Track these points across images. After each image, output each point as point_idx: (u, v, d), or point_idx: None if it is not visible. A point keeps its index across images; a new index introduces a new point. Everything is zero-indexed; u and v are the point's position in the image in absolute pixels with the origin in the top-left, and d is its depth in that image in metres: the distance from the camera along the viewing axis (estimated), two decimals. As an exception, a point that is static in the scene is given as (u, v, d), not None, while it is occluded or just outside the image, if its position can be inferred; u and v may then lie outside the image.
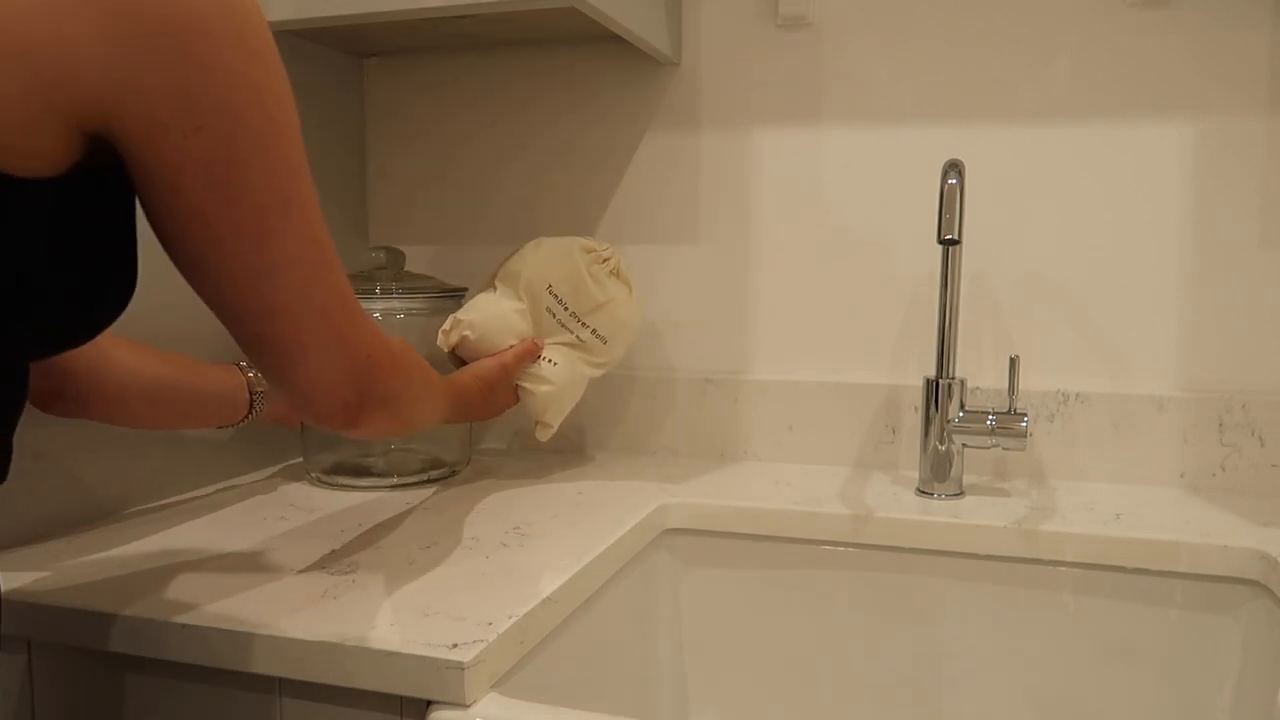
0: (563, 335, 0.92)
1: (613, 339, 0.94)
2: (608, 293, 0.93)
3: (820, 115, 1.04)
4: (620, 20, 0.91)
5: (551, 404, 0.92)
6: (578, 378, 0.93)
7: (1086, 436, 0.97)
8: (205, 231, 0.47)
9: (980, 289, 1.01)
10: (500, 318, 0.91)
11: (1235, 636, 0.78)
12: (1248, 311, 0.94)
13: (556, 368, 0.92)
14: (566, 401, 0.93)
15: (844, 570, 0.87)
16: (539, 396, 0.92)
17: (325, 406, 0.56)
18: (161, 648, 0.61)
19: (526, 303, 0.92)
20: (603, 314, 0.93)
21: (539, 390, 0.92)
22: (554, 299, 0.92)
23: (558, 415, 0.93)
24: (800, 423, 1.06)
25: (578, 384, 0.94)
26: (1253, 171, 0.92)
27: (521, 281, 0.92)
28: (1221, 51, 0.92)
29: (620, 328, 0.95)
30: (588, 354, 0.94)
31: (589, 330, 0.93)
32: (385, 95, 1.19)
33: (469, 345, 0.91)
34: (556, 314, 0.92)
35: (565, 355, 0.93)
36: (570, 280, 0.92)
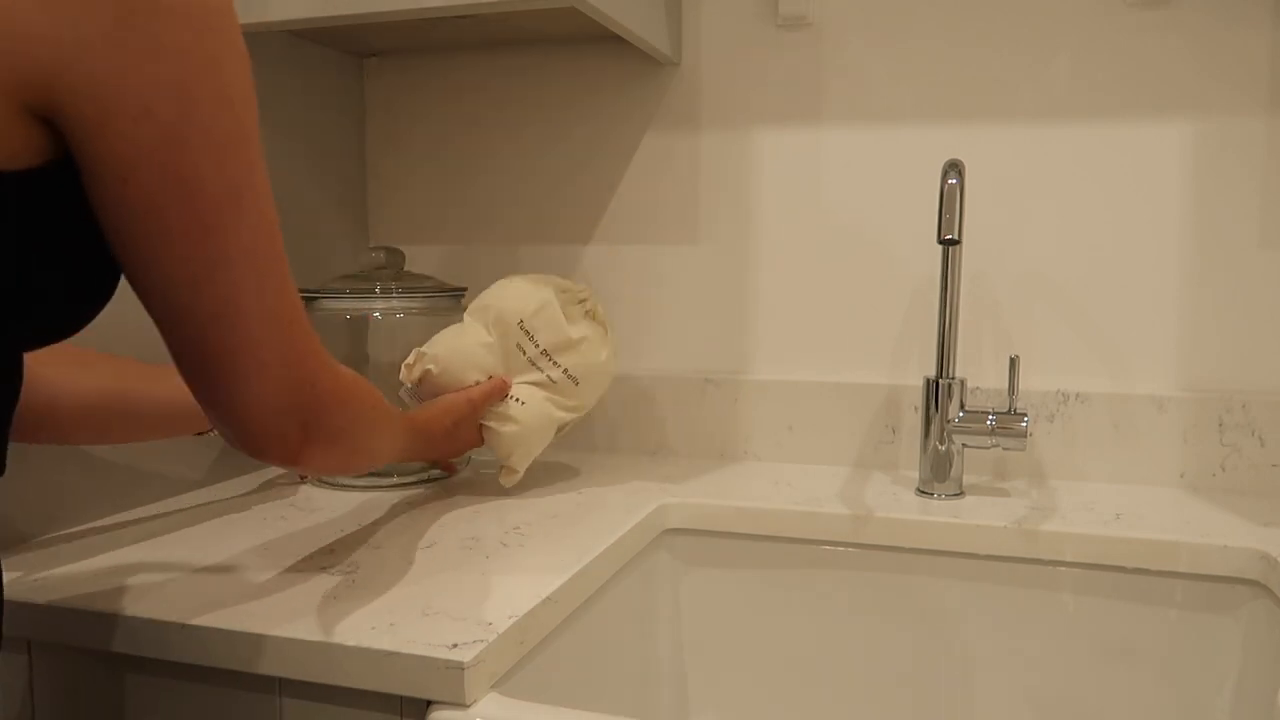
0: (532, 374, 0.87)
1: (585, 380, 0.89)
2: (582, 331, 0.88)
3: (820, 115, 1.04)
4: (620, 20, 0.91)
5: (518, 446, 0.87)
6: (546, 421, 0.88)
7: (1086, 436, 0.97)
8: (155, 225, 0.44)
9: (980, 289, 1.01)
10: (467, 352, 0.86)
11: (1235, 636, 0.78)
12: (1248, 311, 0.94)
13: (524, 407, 0.86)
14: (534, 444, 0.88)
15: (844, 570, 0.87)
16: (505, 437, 0.86)
17: (262, 436, 0.51)
18: (161, 648, 0.61)
19: (496, 338, 0.87)
20: (576, 353, 0.88)
21: (505, 430, 0.86)
22: (525, 334, 0.87)
23: (524, 459, 0.88)
24: (800, 423, 1.06)
25: (546, 427, 0.88)
26: (1253, 171, 0.92)
27: (491, 314, 0.87)
28: (1221, 51, 0.92)
29: (594, 370, 0.89)
30: (558, 395, 0.88)
31: (560, 369, 0.88)
32: (385, 95, 1.19)
33: (432, 381, 0.86)
34: (527, 350, 0.87)
35: (534, 395, 0.87)
36: (543, 315, 0.87)
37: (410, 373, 0.86)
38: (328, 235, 1.13)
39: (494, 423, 0.86)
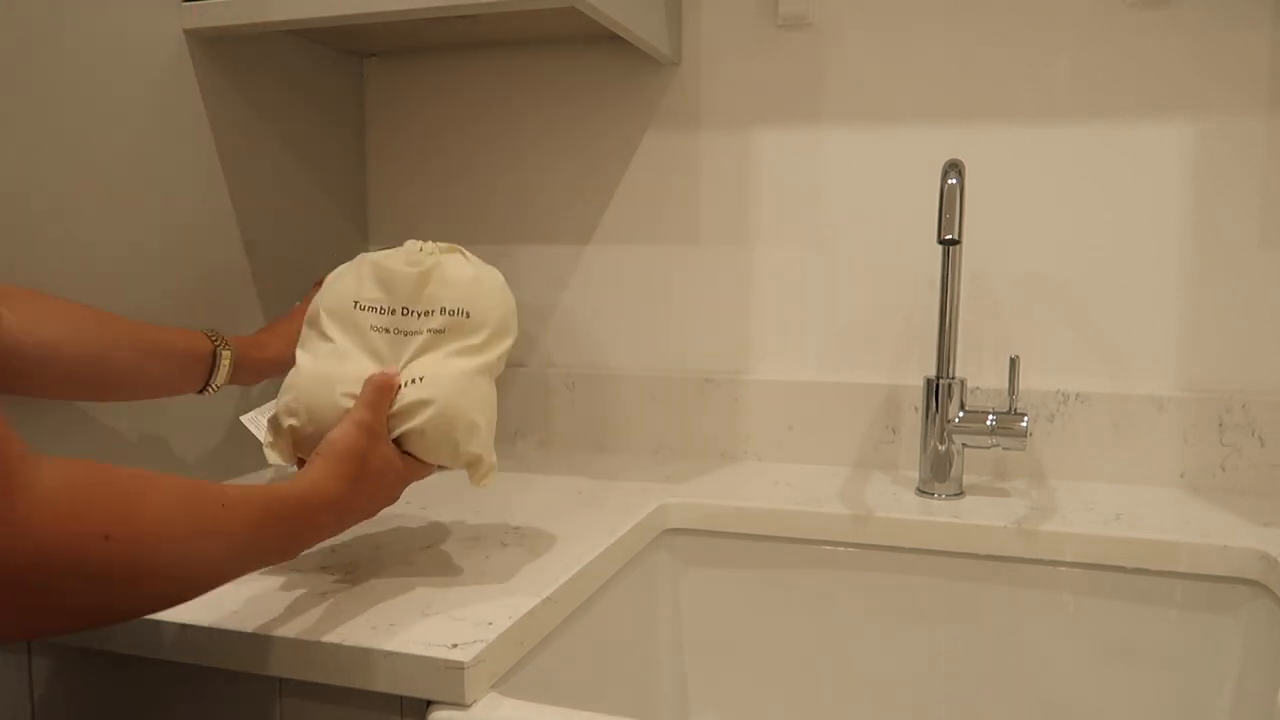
0: (410, 343, 0.68)
1: (473, 306, 0.69)
2: (427, 263, 0.70)
3: (820, 115, 1.04)
4: (620, 20, 0.91)
5: (456, 429, 0.66)
6: (465, 380, 0.67)
7: (1086, 436, 0.97)
8: None
9: (980, 289, 1.01)
10: (325, 377, 0.67)
11: (1235, 636, 0.78)
12: (1248, 311, 0.94)
13: (427, 383, 0.66)
14: (474, 415, 0.67)
15: (844, 570, 0.87)
16: (431, 432, 0.66)
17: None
18: (161, 648, 0.61)
19: (340, 337, 0.69)
20: (439, 286, 0.69)
21: (426, 425, 0.65)
22: (369, 310, 0.69)
23: (474, 437, 0.67)
24: (800, 423, 1.06)
25: (471, 387, 0.67)
26: (1253, 171, 0.92)
27: (321, 317, 0.70)
28: (1221, 51, 0.92)
29: (474, 289, 0.70)
30: (458, 341, 0.68)
31: (436, 312, 0.69)
32: (385, 95, 1.19)
33: (305, 439, 0.66)
34: (384, 324, 0.69)
35: (430, 363, 0.68)
36: (372, 278, 0.70)
37: (278, 448, 0.68)
38: (327, 235, 1.13)
39: (409, 424, 0.65)
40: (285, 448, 0.68)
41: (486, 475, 0.69)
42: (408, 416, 0.66)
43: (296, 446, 0.67)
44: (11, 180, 0.75)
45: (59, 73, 0.78)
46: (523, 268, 1.15)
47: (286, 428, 0.67)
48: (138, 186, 0.86)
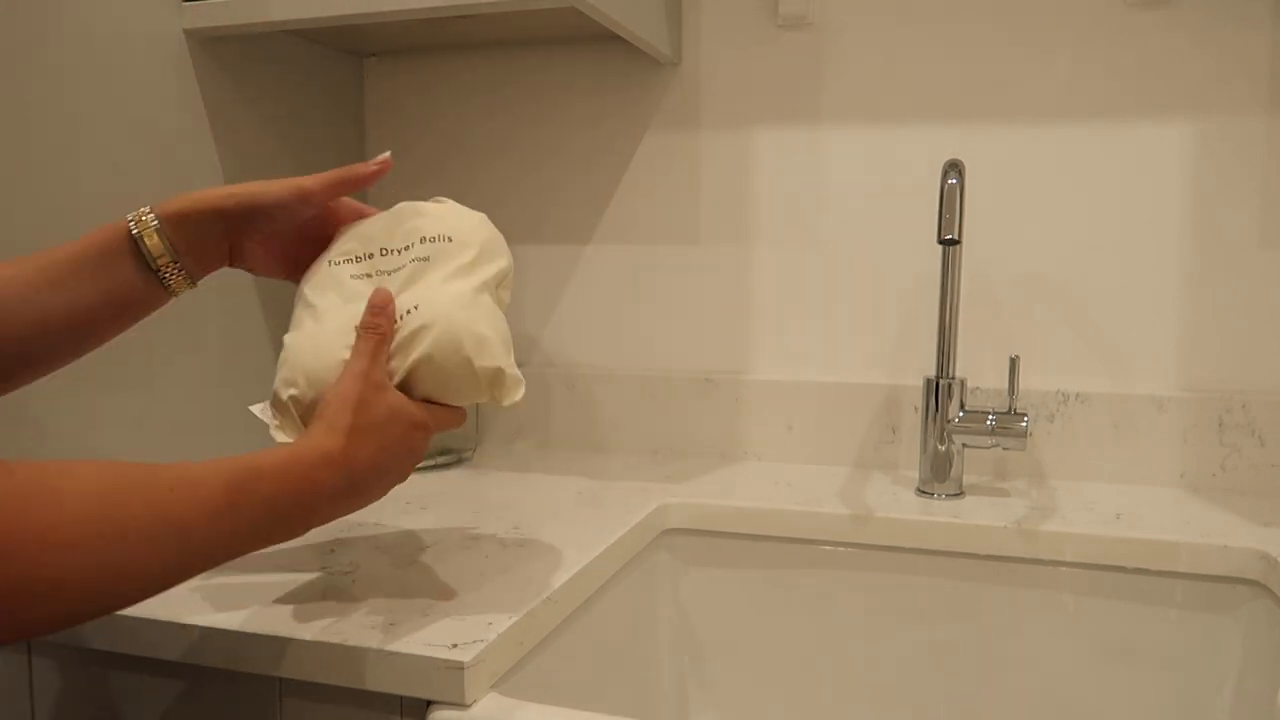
0: (393, 280, 0.64)
1: (457, 230, 0.66)
2: (398, 206, 0.69)
3: (820, 115, 1.04)
4: (620, 20, 0.91)
5: (462, 344, 0.61)
6: (463, 296, 0.63)
7: (1086, 436, 0.97)
8: None
9: (980, 289, 1.01)
10: (310, 339, 0.63)
11: (1235, 636, 0.78)
12: (1248, 311, 0.94)
13: (420, 310, 0.62)
14: (477, 326, 0.62)
15: (844, 570, 0.87)
16: (436, 352, 0.61)
17: None
18: (161, 648, 0.61)
19: (320, 300, 0.65)
20: (412, 217, 0.67)
21: (428, 347, 0.61)
22: (347, 263, 0.66)
23: (485, 349, 0.62)
24: (800, 423, 1.06)
25: (469, 302, 0.63)
26: (1253, 171, 0.92)
27: (301, 293, 0.66)
28: (1221, 51, 0.92)
29: (454, 216, 0.68)
30: (446, 265, 0.65)
31: (417, 243, 0.66)
32: (385, 95, 1.19)
33: (310, 408, 0.61)
34: (363, 270, 0.65)
35: (425, 290, 0.63)
36: (345, 235, 0.68)
37: (284, 426, 0.63)
38: (328, 235, 1.13)
39: (411, 358, 0.61)
40: (292, 424, 0.62)
41: (513, 390, 0.63)
42: (409, 349, 0.61)
43: (304, 420, 0.62)
44: (11, 180, 0.75)
45: (59, 73, 0.78)
46: (523, 267, 1.15)
47: (287, 400, 0.62)
48: (138, 186, 0.86)
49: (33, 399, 0.76)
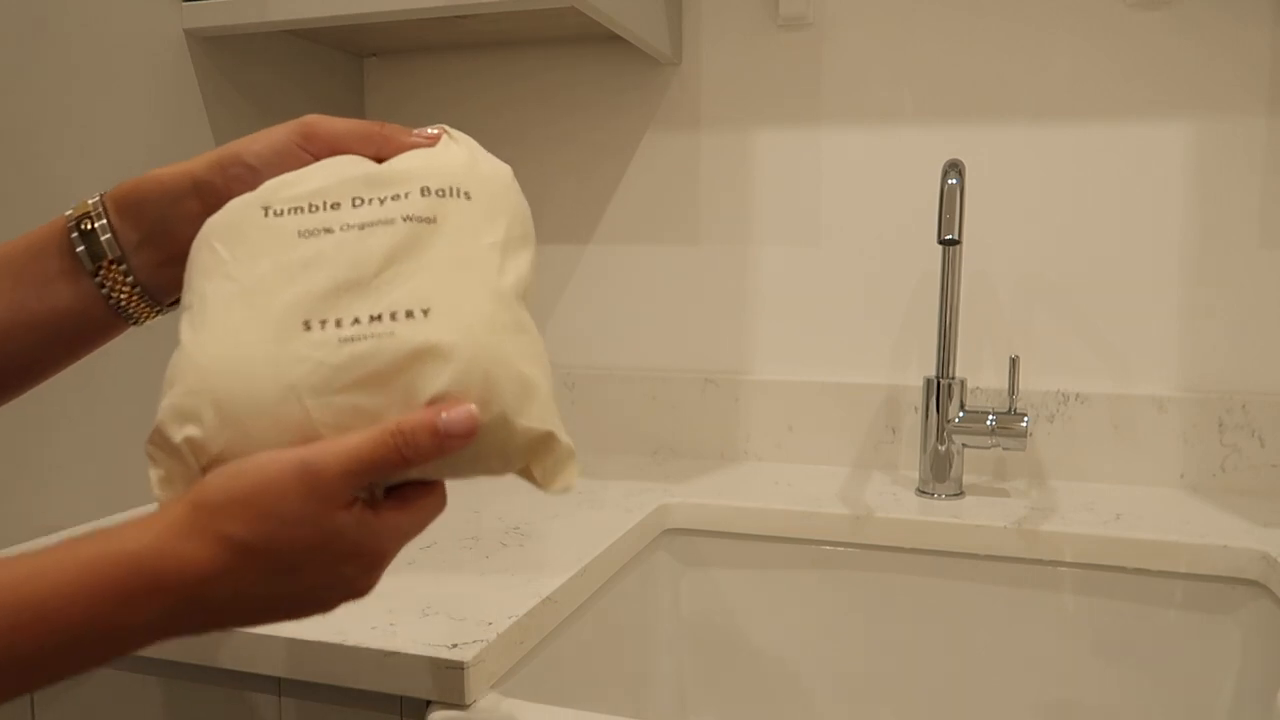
0: (373, 240, 0.41)
1: (479, 184, 0.44)
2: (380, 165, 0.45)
3: (820, 115, 1.04)
4: (620, 20, 0.91)
5: (499, 390, 0.40)
6: (495, 299, 0.41)
7: (1086, 436, 0.97)
8: None
9: (980, 289, 1.01)
10: (226, 340, 0.40)
11: (1235, 636, 0.78)
12: (1248, 311, 0.94)
13: (431, 314, 0.40)
14: (520, 360, 0.41)
15: (844, 570, 0.87)
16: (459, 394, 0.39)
17: None
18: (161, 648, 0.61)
19: (247, 266, 0.41)
20: (407, 158, 0.45)
21: (453, 382, 0.39)
22: (295, 213, 0.42)
23: (531, 401, 0.41)
24: (800, 423, 1.05)
25: (507, 314, 0.41)
26: (1253, 171, 0.92)
27: (210, 250, 0.43)
28: (1222, 51, 0.92)
29: (473, 164, 0.45)
30: (465, 237, 0.42)
31: (417, 193, 0.43)
32: (385, 95, 1.19)
33: (219, 456, 0.39)
34: (321, 223, 0.42)
35: (426, 272, 0.41)
36: (296, 173, 0.45)
37: (168, 480, 0.40)
38: (328, 235, 1.13)
39: (415, 397, 0.39)
40: (182, 475, 0.40)
41: (565, 467, 0.43)
42: (402, 382, 0.39)
43: (205, 468, 0.39)
44: (11, 180, 0.75)
45: (59, 73, 0.78)
46: (523, 268, 1.15)
47: (181, 442, 0.39)
48: (138, 186, 0.86)
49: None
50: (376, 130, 0.46)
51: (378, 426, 0.38)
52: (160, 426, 0.40)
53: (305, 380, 0.39)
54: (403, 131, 0.46)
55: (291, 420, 0.39)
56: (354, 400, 0.39)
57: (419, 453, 0.38)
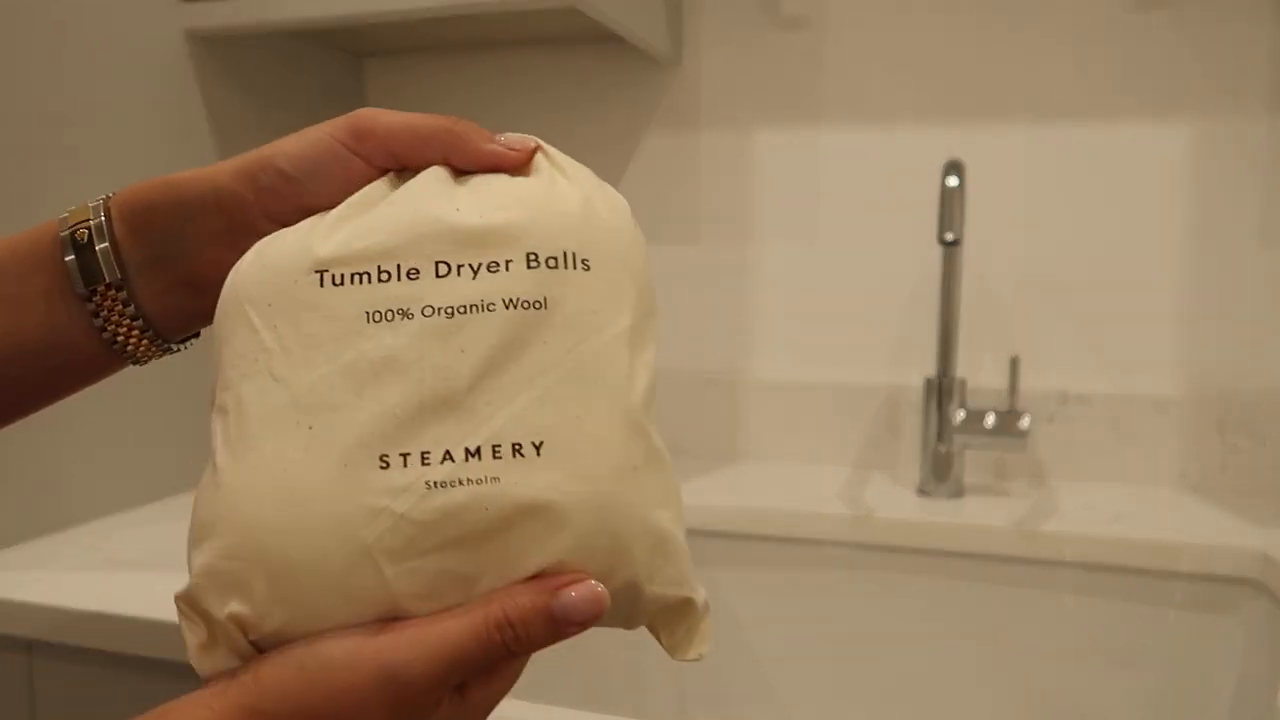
0: (463, 332, 0.32)
1: (595, 241, 0.36)
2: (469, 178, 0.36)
3: (820, 115, 1.04)
4: (620, 20, 0.91)
5: (631, 548, 0.35)
6: (626, 428, 0.34)
7: (1086, 437, 0.97)
8: None
9: (980, 289, 1.01)
10: (292, 468, 0.31)
11: (1235, 636, 0.78)
12: (1248, 311, 0.94)
13: (545, 452, 0.32)
14: (651, 508, 0.35)
15: (844, 570, 0.87)
16: (577, 564, 0.33)
17: None
18: (161, 648, 0.61)
19: (302, 362, 0.32)
20: (499, 197, 0.35)
21: (571, 550, 0.33)
22: (354, 282, 0.33)
23: (668, 559, 0.38)
24: (800, 423, 1.05)
25: (629, 447, 0.34)
26: (1253, 171, 0.92)
27: (248, 326, 0.33)
28: (1222, 51, 0.92)
29: (588, 210, 0.37)
30: (581, 328, 0.34)
31: (519, 261, 0.33)
32: (385, 95, 1.19)
33: (272, 634, 0.31)
34: (394, 300, 0.33)
35: (534, 389, 0.32)
36: (350, 208, 0.35)
37: (211, 649, 0.32)
38: (328, 235, 1.13)
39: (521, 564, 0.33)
40: (226, 651, 0.32)
41: (699, 632, 0.39)
42: (509, 546, 0.32)
43: (263, 646, 0.32)
44: (11, 180, 0.75)
45: (59, 73, 0.78)
46: (523, 268, 1.15)
47: (225, 619, 0.31)
48: (138, 186, 0.86)
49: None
50: (445, 129, 0.36)
51: (476, 612, 0.31)
52: (196, 594, 0.32)
53: (384, 541, 0.30)
54: (480, 134, 0.36)
55: (365, 591, 0.31)
56: (444, 564, 0.31)
57: (529, 645, 0.32)
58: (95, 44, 0.81)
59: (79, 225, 0.37)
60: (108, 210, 0.38)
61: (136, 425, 0.86)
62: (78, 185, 0.80)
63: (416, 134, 0.36)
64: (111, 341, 0.38)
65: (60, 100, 0.78)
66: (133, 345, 0.38)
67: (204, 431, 0.35)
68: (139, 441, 0.86)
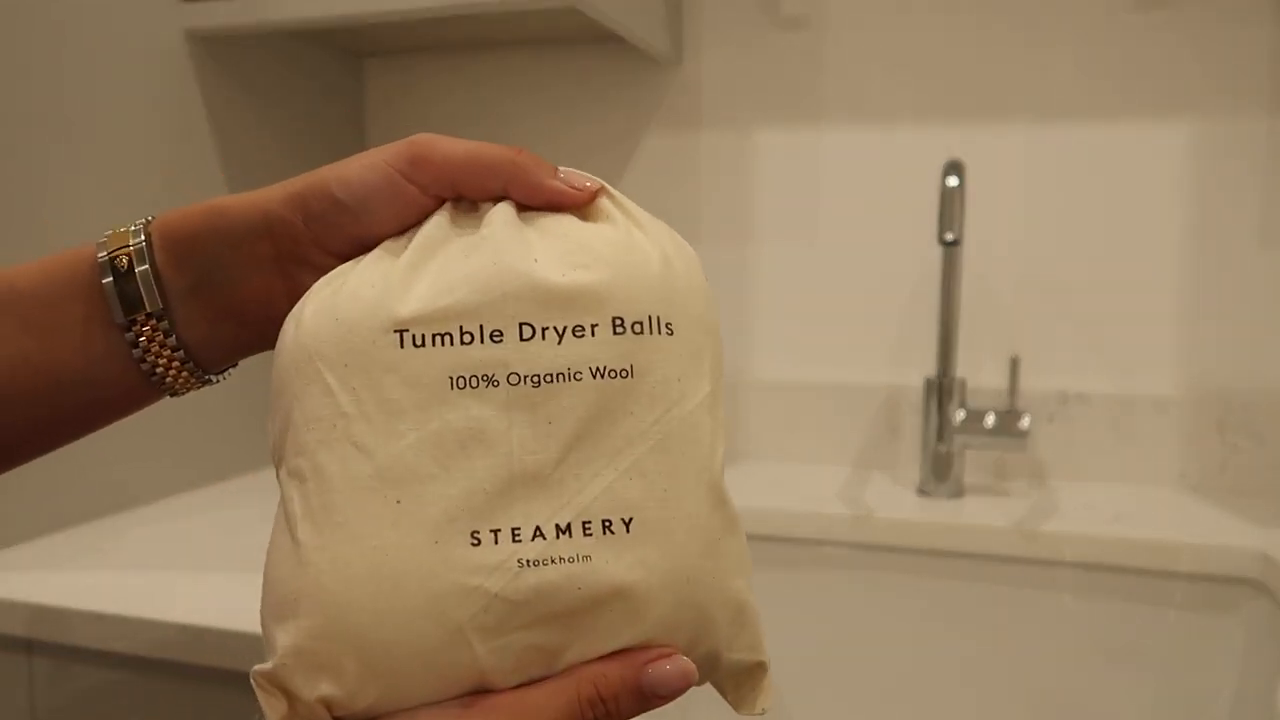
0: (548, 405, 0.31)
1: (674, 300, 0.34)
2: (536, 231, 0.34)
3: (820, 115, 1.04)
4: (621, 20, 0.91)
5: (715, 619, 0.35)
6: (707, 500, 0.34)
7: (1086, 437, 0.97)
8: None
9: (980, 289, 1.01)
10: (388, 549, 0.30)
11: (1235, 636, 0.78)
12: (1248, 311, 0.94)
13: (635, 531, 0.32)
14: (730, 578, 0.35)
15: (844, 570, 0.87)
16: (660, 636, 0.34)
17: None
18: (161, 648, 0.61)
19: (384, 432, 0.31)
20: (576, 254, 0.33)
21: (653, 629, 0.33)
22: (438, 343, 0.31)
23: (743, 628, 0.37)
24: (800, 423, 1.05)
25: (712, 522, 0.34)
26: (1253, 171, 0.92)
27: (322, 388, 0.32)
28: (1222, 51, 0.92)
29: (669, 274, 0.34)
30: (664, 401, 0.33)
31: (606, 325, 0.32)
32: (385, 95, 1.19)
33: (365, 711, 0.31)
34: (478, 365, 0.31)
35: (622, 464, 0.32)
36: (422, 255, 0.33)
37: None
38: (328, 235, 1.13)
39: (602, 643, 0.32)
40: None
41: (763, 689, 0.39)
42: (598, 623, 0.31)
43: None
44: (11, 180, 0.75)
45: (59, 73, 0.78)
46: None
47: (314, 701, 0.30)
48: (138, 186, 0.86)
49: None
50: (508, 160, 0.34)
51: (569, 688, 0.31)
52: (282, 674, 0.30)
53: (477, 620, 0.30)
54: (543, 168, 0.35)
55: (457, 669, 0.30)
56: (533, 639, 0.31)
57: (617, 718, 0.31)
58: (95, 44, 0.81)
59: (119, 250, 0.36)
60: (149, 235, 0.36)
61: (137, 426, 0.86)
62: (78, 185, 0.80)
63: (478, 163, 0.35)
64: (150, 373, 0.36)
65: (61, 100, 0.78)
66: (171, 377, 0.37)
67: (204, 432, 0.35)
68: (139, 442, 0.86)
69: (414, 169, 0.35)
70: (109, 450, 0.84)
